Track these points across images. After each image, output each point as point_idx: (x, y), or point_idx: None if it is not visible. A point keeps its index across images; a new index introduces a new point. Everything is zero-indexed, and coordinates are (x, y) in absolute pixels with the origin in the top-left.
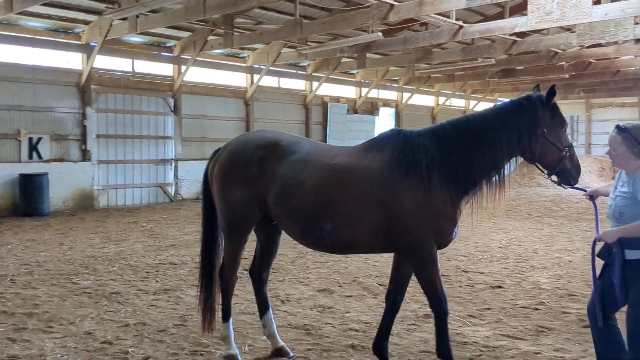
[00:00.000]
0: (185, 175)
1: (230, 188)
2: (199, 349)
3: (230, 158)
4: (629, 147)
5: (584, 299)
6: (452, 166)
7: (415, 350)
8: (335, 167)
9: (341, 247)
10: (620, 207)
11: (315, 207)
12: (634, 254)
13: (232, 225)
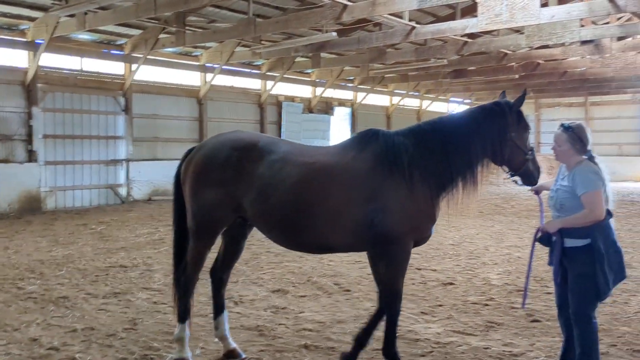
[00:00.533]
0: (137, 176)
1: (204, 189)
2: (149, 352)
3: (206, 159)
4: (572, 144)
5: (533, 295)
6: (431, 165)
7: (369, 349)
8: (314, 166)
9: (321, 247)
10: (561, 200)
11: (295, 207)
12: (571, 242)
13: (202, 227)
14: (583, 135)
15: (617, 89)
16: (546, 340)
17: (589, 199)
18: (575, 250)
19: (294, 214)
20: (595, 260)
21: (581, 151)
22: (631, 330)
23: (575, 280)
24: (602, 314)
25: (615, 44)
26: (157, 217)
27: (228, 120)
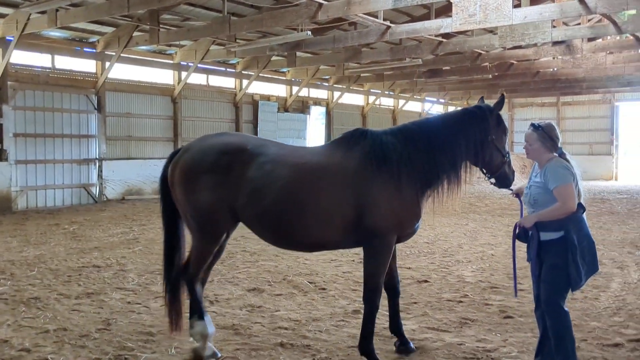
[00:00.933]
0: (111, 176)
1: (196, 193)
2: (123, 353)
3: (193, 163)
4: (542, 142)
5: (506, 291)
6: (418, 164)
7: (344, 346)
8: (305, 166)
9: (313, 246)
10: (534, 195)
11: (288, 207)
12: (546, 236)
13: (204, 229)
14: (552, 133)
15: (588, 89)
16: (519, 335)
17: (560, 192)
18: (550, 243)
19: (287, 215)
20: (568, 251)
21: (552, 149)
22: (601, 325)
23: (547, 271)
24: (573, 309)
25: (586, 45)
26: (130, 217)
27: (203, 119)
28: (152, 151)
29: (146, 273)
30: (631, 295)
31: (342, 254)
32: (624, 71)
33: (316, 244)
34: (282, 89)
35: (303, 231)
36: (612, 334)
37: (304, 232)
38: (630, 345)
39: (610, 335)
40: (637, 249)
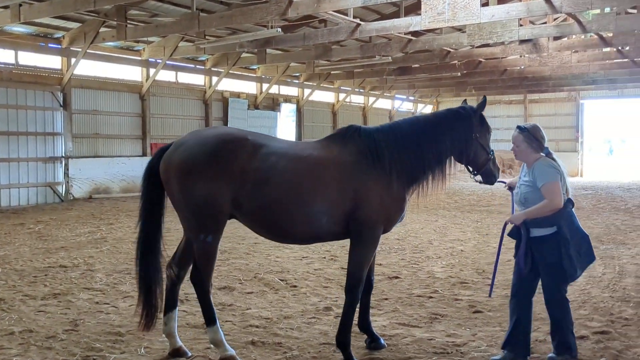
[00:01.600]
0: (77, 174)
1: (196, 185)
2: (91, 354)
3: (192, 153)
4: (528, 143)
5: (475, 286)
6: (407, 161)
7: (315, 343)
8: (309, 159)
9: (313, 238)
10: (524, 194)
11: (294, 199)
12: (538, 232)
13: (204, 223)
14: (538, 134)
15: (554, 87)
16: (488, 330)
17: (547, 189)
18: (542, 239)
19: (293, 207)
20: (561, 245)
21: (538, 149)
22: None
23: (545, 270)
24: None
25: (552, 44)
26: (98, 216)
27: (172, 117)
28: (119, 149)
29: (114, 273)
30: (596, 289)
31: (313, 252)
32: (588, 69)
33: (317, 236)
34: (253, 86)
35: (305, 223)
36: (578, 327)
37: (306, 224)
38: (595, 337)
39: (576, 327)
40: (601, 244)
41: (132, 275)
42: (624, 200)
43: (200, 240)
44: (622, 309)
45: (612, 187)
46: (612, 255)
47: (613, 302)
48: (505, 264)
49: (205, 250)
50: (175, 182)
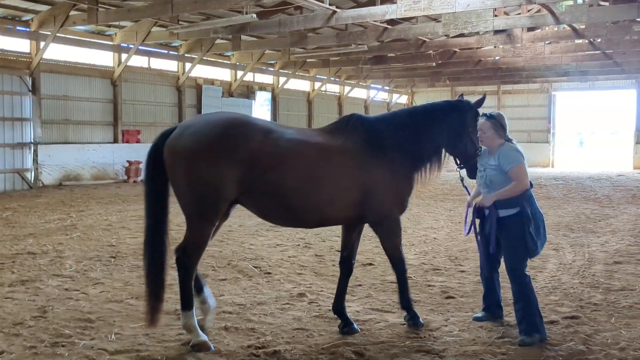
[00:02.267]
0: (47, 160)
1: (203, 169)
2: (60, 340)
3: (202, 137)
4: (495, 129)
5: (447, 273)
6: (408, 149)
7: (289, 328)
8: (318, 145)
9: (321, 222)
10: (490, 176)
11: (306, 184)
12: (504, 212)
13: (204, 209)
14: (503, 121)
15: (527, 79)
16: (460, 315)
17: (516, 172)
18: (507, 219)
19: (304, 192)
20: (524, 224)
21: (502, 135)
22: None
23: (508, 244)
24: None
25: (525, 35)
26: (68, 203)
27: (144, 103)
28: (90, 135)
29: (84, 260)
30: (566, 275)
31: (287, 239)
32: (561, 61)
33: (326, 220)
34: (227, 73)
35: (315, 208)
36: (548, 312)
37: (317, 209)
38: (565, 322)
39: (546, 313)
40: (571, 232)
41: (102, 262)
42: (593, 190)
43: (197, 226)
44: (592, 294)
45: (582, 177)
46: (582, 243)
47: (583, 288)
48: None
49: (200, 236)
50: (181, 165)
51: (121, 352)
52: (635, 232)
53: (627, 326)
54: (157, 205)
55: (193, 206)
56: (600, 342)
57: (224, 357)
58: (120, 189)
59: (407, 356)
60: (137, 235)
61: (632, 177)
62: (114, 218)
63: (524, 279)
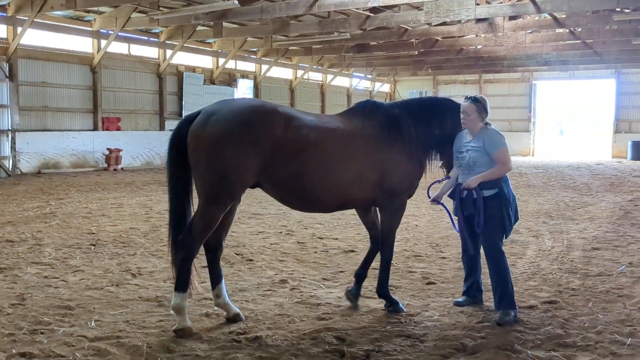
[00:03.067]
0: (25, 148)
1: (228, 154)
2: (39, 327)
3: (228, 123)
4: (478, 113)
5: (428, 259)
6: (421, 135)
7: (271, 315)
8: (337, 131)
9: (340, 206)
10: (473, 158)
11: (327, 169)
12: (488, 192)
13: (221, 193)
14: (486, 105)
15: (508, 68)
16: (440, 300)
17: (500, 155)
18: (487, 199)
19: (325, 176)
20: (502, 205)
21: (484, 119)
22: (517, 289)
23: (488, 223)
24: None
25: (507, 24)
26: (47, 191)
27: (124, 90)
28: (70, 123)
29: (64, 247)
30: (545, 261)
31: (269, 227)
32: (542, 50)
33: (344, 204)
34: (208, 60)
35: (336, 192)
36: (527, 297)
37: (337, 193)
38: (543, 307)
39: (525, 298)
40: (551, 219)
41: (82, 250)
42: (572, 179)
43: (210, 209)
44: (570, 280)
45: (562, 166)
46: (561, 230)
47: (561, 273)
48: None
49: (211, 219)
50: (205, 151)
51: (101, 338)
52: (613, 219)
53: (603, 310)
54: (179, 189)
55: (211, 190)
56: (578, 326)
57: (205, 343)
58: (100, 177)
59: (388, 340)
60: (117, 223)
61: (610, 165)
62: (94, 206)
63: (502, 257)
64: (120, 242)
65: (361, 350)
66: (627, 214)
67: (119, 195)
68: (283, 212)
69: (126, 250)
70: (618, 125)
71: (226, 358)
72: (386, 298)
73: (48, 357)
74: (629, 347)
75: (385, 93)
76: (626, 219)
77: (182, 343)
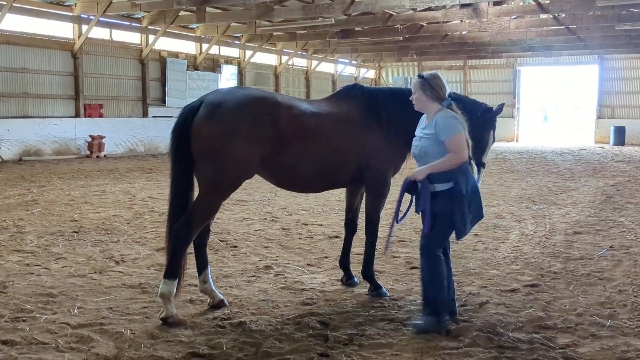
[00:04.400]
0: (6, 135)
1: (235, 145)
2: (21, 315)
3: (236, 117)
4: (423, 90)
5: (412, 244)
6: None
7: (255, 300)
8: (329, 117)
9: (329, 186)
10: (424, 147)
11: (322, 154)
12: (441, 187)
13: (224, 184)
14: (434, 82)
15: (492, 54)
16: None
17: (453, 143)
18: (438, 194)
19: (320, 160)
20: (455, 201)
21: (435, 98)
22: (500, 273)
23: (434, 223)
24: (475, 259)
25: (491, 9)
26: (29, 178)
27: (106, 77)
28: (51, 109)
29: (46, 235)
30: (528, 246)
31: (254, 213)
32: (526, 36)
33: (333, 184)
34: (192, 46)
35: (328, 174)
36: (509, 281)
37: (329, 175)
38: (525, 290)
39: (508, 281)
40: (534, 204)
41: (64, 237)
42: (556, 164)
43: (211, 198)
44: (552, 263)
45: (546, 151)
46: (544, 215)
47: (543, 257)
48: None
49: (211, 208)
50: (212, 144)
51: (84, 325)
52: (595, 203)
53: (584, 293)
54: (182, 178)
55: (215, 180)
56: (559, 309)
57: (189, 329)
58: (82, 164)
59: (372, 325)
60: (100, 210)
61: (593, 151)
62: (77, 193)
63: (434, 259)
64: (103, 229)
65: (345, 334)
66: (608, 198)
67: (101, 182)
68: (268, 198)
69: (109, 238)
70: (601, 111)
71: (210, 344)
72: (370, 281)
73: (30, 345)
74: (609, 329)
75: (370, 79)
76: (608, 204)
77: (166, 329)
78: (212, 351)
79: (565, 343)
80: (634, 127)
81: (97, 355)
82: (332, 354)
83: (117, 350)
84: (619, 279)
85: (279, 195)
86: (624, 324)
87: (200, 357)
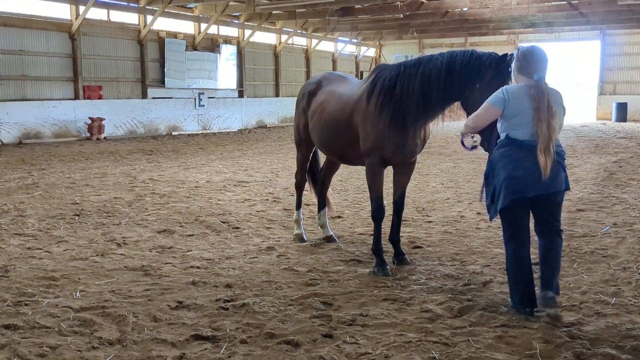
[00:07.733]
0: (5, 118)
1: (295, 114)
2: (23, 299)
3: (301, 89)
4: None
5: (415, 224)
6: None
7: (258, 282)
8: (343, 98)
9: (345, 160)
10: None
11: (331, 127)
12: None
13: (296, 143)
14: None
15: (494, 30)
16: (426, 264)
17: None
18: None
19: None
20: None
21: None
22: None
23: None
24: (478, 237)
25: None
26: (29, 162)
27: (105, 58)
28: (50, 92)
29: (47, 218)
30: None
31: (255, 194)
32: (527, 12)
33: (353, 158)
34: (190, 26)
35: (347, 149)
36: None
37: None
38: None
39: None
40: None
41: (66, 220)
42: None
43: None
44: None
45: None
46: None
47: None
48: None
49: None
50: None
51: (87, 309)
52: (598, 180)
53: (588, 271)
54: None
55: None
56: (563, 287)
57: (192, 310)
58: (83, 147)
59: (375, 304)
60: (101, 192)
61: (595, 127)
62: (77, 176)
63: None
64: (105, 211)
65: (348, 315)
66: (611, 175)
67: (102, 164)
68: (269, 179)
69: (110, 220)
70: (603, 87)
71: (214, 325)
72: (375, 255)
73: (33, 329)
74: (613, 307)
75: (370, 57)
76: (610, 180)
77: (169, 312)
78: (215, 333)
79: (570, 321)
80: (636, 103)
81: (100, 339)
82: (336, 334)
83: (120, 333)
84: (623, 256)
85: (281, 176)
86: (629, 302)
87: (203, 339)
